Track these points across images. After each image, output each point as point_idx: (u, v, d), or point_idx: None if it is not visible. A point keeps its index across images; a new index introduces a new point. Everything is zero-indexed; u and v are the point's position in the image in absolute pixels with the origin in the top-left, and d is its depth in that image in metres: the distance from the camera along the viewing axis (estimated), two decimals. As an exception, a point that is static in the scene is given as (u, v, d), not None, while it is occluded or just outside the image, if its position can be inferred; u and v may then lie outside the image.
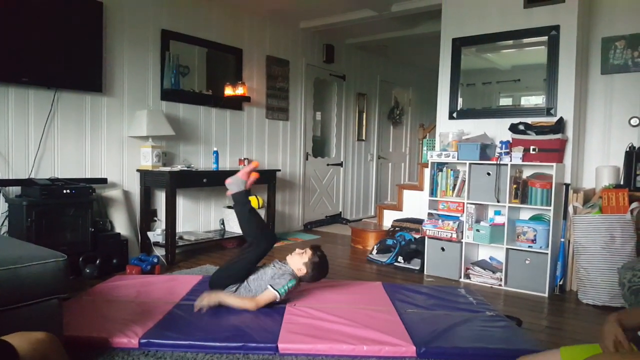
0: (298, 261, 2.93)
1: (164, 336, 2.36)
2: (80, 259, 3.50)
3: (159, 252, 4.25)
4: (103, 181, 4.04)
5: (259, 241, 2.95)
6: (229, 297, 2.79)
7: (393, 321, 2.67)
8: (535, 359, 1.62)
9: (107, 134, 4.12)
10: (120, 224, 4.02)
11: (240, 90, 5.06)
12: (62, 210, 3.48)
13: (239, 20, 5.24)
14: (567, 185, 3.64)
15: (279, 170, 5.48)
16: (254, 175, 3.07)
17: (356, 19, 5.47)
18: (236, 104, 5.21)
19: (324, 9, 5.36)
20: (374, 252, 4.56)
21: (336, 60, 6.59)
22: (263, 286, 2.82)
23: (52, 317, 2.01)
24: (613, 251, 3.27)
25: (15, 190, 3.54)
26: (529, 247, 3.59)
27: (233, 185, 3.02)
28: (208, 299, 2.75)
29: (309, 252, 2.96)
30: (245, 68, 5.32)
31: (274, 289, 2.77)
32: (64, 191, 3.46)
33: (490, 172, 3.75)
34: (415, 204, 5.00)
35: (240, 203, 3.02)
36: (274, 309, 2.80)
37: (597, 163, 3.84)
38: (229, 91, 5.00)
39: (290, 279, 2.82)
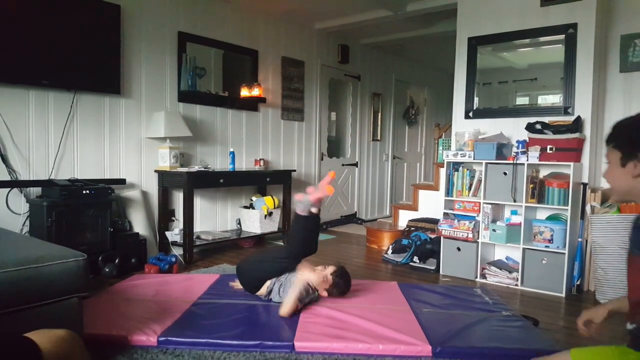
0: (320, 286, 2.92)
1: (182, 334, 2.40)
2: (100, 258, 3.56)
3: (177, 251, 4.30)
4: (122, 182, 4.11)
5: (295, 255, 2.99)
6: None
7: (409, 320, 2.67)
8: None
9: (126, 135, 4.18)
10: (139, 224, 4.08)
11: (256, 92, 5.09)
12: (82, 210, 3.54)
13: (254, 22, 5.27)
14: (585, 185, 3.60)
15: (294, 170, 5.50)
16: (326, 192, 2.99)
17: (371, 19, 5.47)
18: (252, 105, 5.25)
19: (339, 9, 5.37)
20: (390, 251, 4.55)
21: (351, 60, 6.59)
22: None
23: (73, 315, 2.06)
24: (632, 251, 3.22)
25: (35, 191, 3.62)
26: (546, 247, 3.56)
27: (300, 204, 3.00)
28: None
29: (329, 278, 2.94)
30: (260, 69, 5.36)
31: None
32: (84, 192, 3.53)
33: (507, 172, 3.73)
34: (430, 203, 4.98)
35: (299, 222, 3.03)
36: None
37: (616, 162, 3.78)
38: (244, 92, 5.04)
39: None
